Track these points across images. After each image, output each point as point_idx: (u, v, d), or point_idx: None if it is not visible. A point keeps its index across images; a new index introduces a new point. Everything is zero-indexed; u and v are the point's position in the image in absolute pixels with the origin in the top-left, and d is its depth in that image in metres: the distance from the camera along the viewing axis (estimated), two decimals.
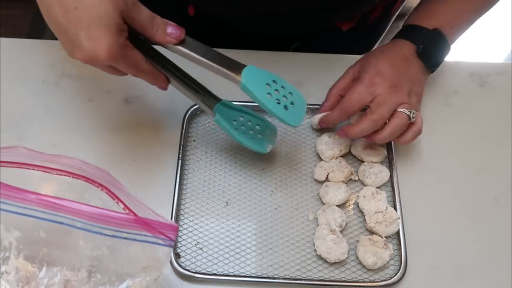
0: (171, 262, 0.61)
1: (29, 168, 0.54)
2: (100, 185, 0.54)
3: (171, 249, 0.52)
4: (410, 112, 0.64)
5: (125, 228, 0.49)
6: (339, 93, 0.70)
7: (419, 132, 0.66)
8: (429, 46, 0.69)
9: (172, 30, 0.56)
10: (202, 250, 0.63)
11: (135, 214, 0.52)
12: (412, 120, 0.65)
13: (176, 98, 0.75)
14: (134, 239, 0.50)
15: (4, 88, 0.75)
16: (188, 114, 0.73)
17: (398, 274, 0.61)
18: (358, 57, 0.83)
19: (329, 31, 0.85)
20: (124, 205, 0.53)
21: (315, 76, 0.79)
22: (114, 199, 0.53)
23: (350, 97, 0.66)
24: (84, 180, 0.54)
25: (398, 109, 0.64)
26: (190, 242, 0.64)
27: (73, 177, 0.54)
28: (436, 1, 0.72)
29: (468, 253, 0.65)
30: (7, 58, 0.77)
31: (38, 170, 0.54)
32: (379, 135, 0.66)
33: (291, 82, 0.78)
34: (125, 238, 0.50)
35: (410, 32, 0.71)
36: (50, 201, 0.49)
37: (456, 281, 0.63)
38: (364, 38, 0.93)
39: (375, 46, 0.98)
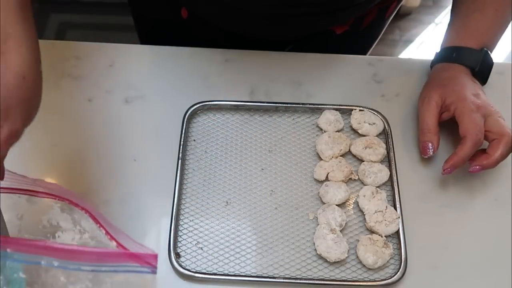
0: (171, 262, 0.61)
1: (17, 193, 0.54)
2: (83, 208, 0.55)
3: (156, 275, 0.52)
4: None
5: (105, 262, 0.49)
6: (437, 130, 0.69)
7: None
8: (482, 66, 0.72)
9: None
10: (202, 249, 0.63)
11: (116, 240, 0.52)
12: None
13: (176, 98, 0.76)
14: (115, 271, 0.50)
15: None
16: (188, 113, 0.73)
17: (398, 273, 0.61)
18: (358, 57, 0.83)
19: (323, 34, 0.85)
20: (105, 230, 0.53)
21: (315, 76, 0.79)
22: (96, 224, 0.54)
23: (478, 126, 0.65)
24: (68, 203, 0.54)
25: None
26: (190, 242, 0.64)
27: (58, 199, 0.55)
28: (475, 21, 0.74)
29: (468, 253, 0.65)
30: None
31: (25, 194, 0.54)
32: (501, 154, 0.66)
33: (290, 82, 0.79)
34: (104, 271, 0.50)
35: (458, 55, 0.73)
36: (23, 243, 0.48)
37: (456, 281, 0.63)
38: (358, 42, 0.93)
39: (371, 50, 0.98)
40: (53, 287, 0.53)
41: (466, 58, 0.72)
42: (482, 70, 0.72)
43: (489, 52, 0.73)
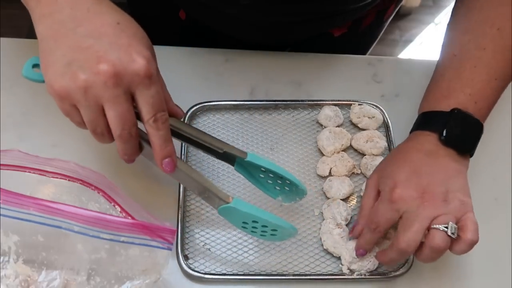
0: (180, 264, 0.61)
1: (25, 171, 0.54)
2: (96, 188, 0.54)
3: (170, 252, 0.51)
4: (448, 227, 0.54)
5: (123, 232, 0.49)
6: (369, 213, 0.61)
7: (471, 243, 0.56)
8: (453, 130, 0.59)
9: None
10: (210, 250, 0.63)
11: (132, 217, 0.52)
12: (454, 237, 0.54)
13: (175, 99, 0.75)
14: (132, 243, 0.50)
15: (4, 88, 0.74)
16: (189, 113, 0.72)
17: (406, 265, 0.62)
18: (358, 57, 0.84)
19: (321, 37, 0.86)
20: (121, 208, 0.53)
21: (315, 76, 0.80)
22: (110, 202, 0.53)
23: (376, 217, 0.58)
24: (80, 183, 0.54)
25: (433, 226, 0.54)
26: (198, 244, 0.63)
27: (69, 179, 0.54)
28: (448, 80, 0.64)
29: (468, 253, 0.65)
30: (7, 58, 0.76)
31: (34, 173, 0.54)
32: (418, 257, 0.57)
33: (290, 82, 0.79)
34: (122, 241, 0.50)
35: (426, 121, 0.62)
36: (47, 205, 0.49)
37: (456, 281, 0.64)
38: (356, 43, 0.93)
39: (369, 51, 0.99)
40: (70, 253, 0.54)
41: (429, 122, 0.61)
42: (454, 134, 0.59)
43: (465, 112, 0.60)
